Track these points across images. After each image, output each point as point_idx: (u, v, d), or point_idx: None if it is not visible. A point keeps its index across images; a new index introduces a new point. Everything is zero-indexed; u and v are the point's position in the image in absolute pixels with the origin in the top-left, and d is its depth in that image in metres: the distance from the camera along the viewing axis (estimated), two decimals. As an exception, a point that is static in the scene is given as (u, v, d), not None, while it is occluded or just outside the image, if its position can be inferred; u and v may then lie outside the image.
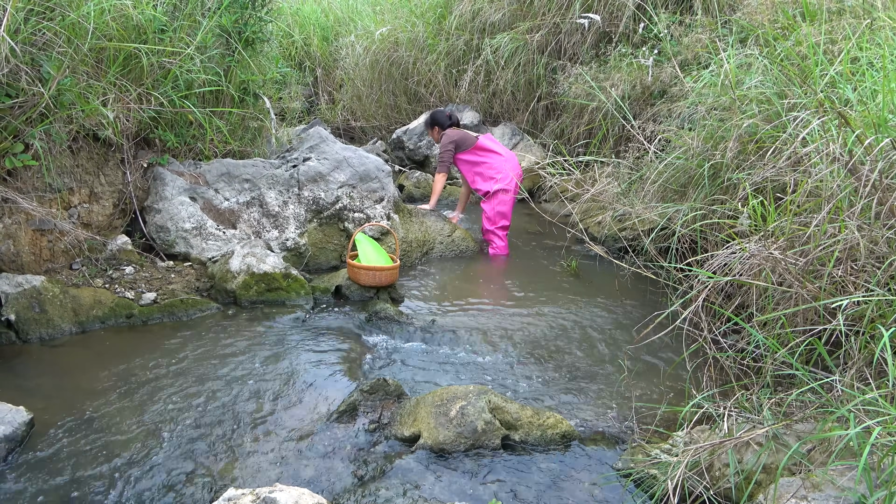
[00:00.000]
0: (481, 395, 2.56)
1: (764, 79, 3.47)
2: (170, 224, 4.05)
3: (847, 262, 2.29)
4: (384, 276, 3.90)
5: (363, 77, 8.27)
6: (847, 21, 3.59)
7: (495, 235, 4.91)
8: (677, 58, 4.93)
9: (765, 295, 2.60)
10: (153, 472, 2.29)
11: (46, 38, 3.18)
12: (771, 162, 2.94)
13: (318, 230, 4.44)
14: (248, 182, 4.36)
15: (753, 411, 2.27)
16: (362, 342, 3.39)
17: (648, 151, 4.14)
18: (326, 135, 4.82)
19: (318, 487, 2.24)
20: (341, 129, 8.61)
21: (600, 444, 2.52)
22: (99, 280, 3.62)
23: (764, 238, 2.58)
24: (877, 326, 1.99)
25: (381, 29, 7.96)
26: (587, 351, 3.31)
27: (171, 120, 4.12)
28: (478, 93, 7.14)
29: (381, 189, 4.67)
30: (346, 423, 2.59)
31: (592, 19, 5.78)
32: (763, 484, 2.01)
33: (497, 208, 4.87)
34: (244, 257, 3.84)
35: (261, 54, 4.83)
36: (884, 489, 1.65)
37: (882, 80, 2.63)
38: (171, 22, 3.97)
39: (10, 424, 2.37)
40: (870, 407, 1.81)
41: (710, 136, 3.62)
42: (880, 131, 2.41)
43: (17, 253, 3.44)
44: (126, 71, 3.74)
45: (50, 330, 3.23)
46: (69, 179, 3.66)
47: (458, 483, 2.26)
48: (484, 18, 6.84)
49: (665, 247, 3.60)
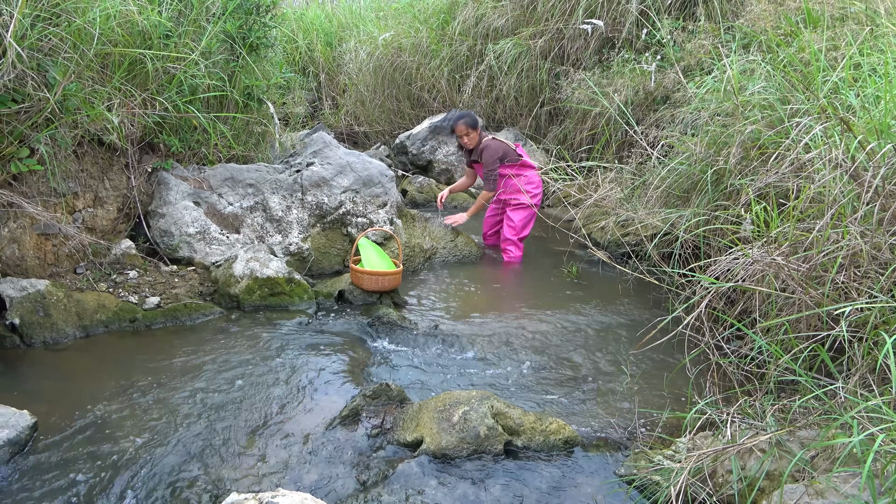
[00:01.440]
0: (484, 400, 2.56)
1: (767, 85, 3.48)
2: (173, 228, 4.06)
3: (850, 269, 2.29)
4: (387, 280, 3.91)
5: (367, 82, 8.30)
6: (849, 27, 3.60)
7: (515, 245, 4.87)
8: (680, 63, 4.94)
9: (768, 301, 2.59)
10: (156, 476, 2.29)
11: (52, 43, 3.20)
12: (774, 168, 2.94)
13: (321, 235, 4.45)
14: (251, 187, 4.38)
15: (757, 417, 2.27)
16: (365, 347, 3.40)
17: (651, 157, 4.15)
18: (330, 140, 4.83)
19: (320, 492, 2.24)
20: (345, 134, 8.63)
21: (603, 450, 2.52)
22: (103, 284, 3.63)
23: (767, 244, 2.58)
24: (880, 333, 1.99)
25: (385, 34, 7.99)
26: (590, 356, 3.31)
27: (175, 125, 4.14)
28: (481, 98, 7.15)
29: (384, 194, 4.68)
30: (348, 427, 2.59)
31: (595, 25, 5.79)
32: (766, 491, 2.00)
33: (526, 220, 4.86)
34: (247, 262, 3.84)
35: (265, 59, 4.85)
36: (887, 496, 1.64)
37: (884, 85, 2.63)
38: (176, 27, 3.99)
39: (13, 428, 2.38)
40: (873, 414, 1.81)
41: (713, 141, 3.62)
42: (883, 137, 2.41)
43: (21, 257, 3.46)
44: (131, 76, 3.76)
45: (54, 334, 3.24)
46: (74, 184, 3.68)
47: (461, 489, 2.26)
48: (487, 24, 6.87)
49: (668, 252, 3.60)
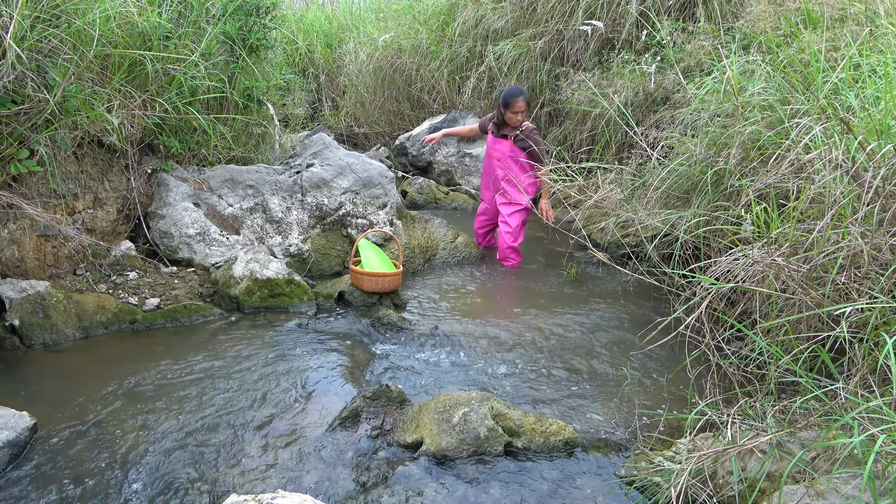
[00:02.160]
0: (484, 401, 2.55)
1: (766, 85, 3.47)
2: (173, 230, 4.06)
3: (850, 269, 2.29)
4: (387, 282, 3.90)
5: (366, 83, 8.30)
6: (849, 28, 3.60)
7: (515, 252, 4.68)
8: (680, 65, 4.93)
9: (768, 302, 2.59)
10: (155, 477, 2.29)
11: (52, 45, 3.20)
12: (774, 168, 2.94)
13: (321, 236, 4.45)
14: (251, 188, 4.38)
15: (757, 419, 2.27)
16: (365, 348, 3.39)
17: (651, 158, 4.14)
18: (330, 141, 4.83)
19: (320, 494, 2.24)
20: (345, 136, 8.63)
21: (603, 452, 2.52)
22: (103, 286, 3.63)
23: (767, 245, 2.58)
24: (881, 334, 1.99)
25: (385, 36, 7.99)
26: (590, 357, 3.31)
27: (175, 126, 4.14)
28: (481, 99, 7.15)
29: (384, 195, 4.68)
30: (348, 429, 2.58)
31: (595, 26, 5.79)
32: (767, 492, 2.00)
33: (521, 223, 4.65)
34: (247, 263, 3.84)
35: (265, 61, 4.86)
36: (888, 497, 1.64)
37: (884, 86, 2.63)
38: (176, 29, 4.00)
39: (13, 430, 2.38)
40: (874, 414, 1.81)
41: (712, 142, 3.62)
42: (883, 138, 2.41)
43: (21, 258, 3.45)
44: (131, 77, 3.77)
45: (54, 335, 3.24)
46: (74, 185, 3.68)
47: (461, 490, 2.26)
48: (487, 25, 6.86)
49: (668, 253, 3.60)
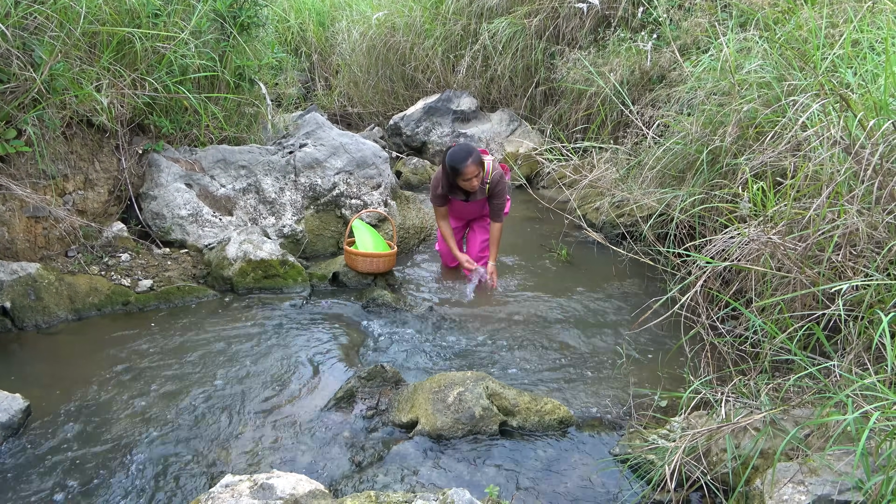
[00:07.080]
0: (479, 381, 2.55)
1: (764, 63, 3.44)
2: (166, 211, 4.02)
3: (846, 247, 2.28)
4: (381, 262, 3.89)
5: (360, 63, 8.19)
6: (848, 4, 3.55)
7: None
8: (676, 42, 4.88)
9: (763, 280, 2.59)
10: (150, 459, 2.29)
11: (38, 22, 3.14)
12: (770, 146, 2.91)
13: (315, 217, 4.42)
14: (244, 168, 4.33)
15: (751, 397, 2.27)
16: (360, 329, 3.39)
17: (647, 137, 4.11)
18: (323, 121, 4.78)
19: (315, 473, 2.24)
20: (338, 116, 8.54)
21: (598, 430, 2.53)
22: (95, 267, 3.60)
23: (763, 223, 2.56)
24: (875, 311, 1.98)
25: (378, 14, 7.88)
26: (585, 337, 3.31)
27: (165, 106, 4.08)
28: (475, 78, 7.07)
29: (378, 175, 4.64)
30: (343, 409, 2.58)
31: (591, 4, 5.71)
32: (760, 469, 2.01)
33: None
34: (241, 244, 3.81)
35: (256, 39, 4.78)
36: (881, 474, 1.65)
37: (885, 63, 2.60)
38: (165, 6, 3.92)
39: (6, 412, 2.37)
40: (868, 392, 1.81)
41: (709, 120, 3.59)
42: (881, 114, 2.39)
43: (11, 240, 3.42)
44: (120, 56, 3.70)
45: (46, 317, 3.22)
46: (63, 166, 3.63)
47: (456, 469, 2.26)
48: (481, 3, 6.77)
49: (663, 233, 3.59)
